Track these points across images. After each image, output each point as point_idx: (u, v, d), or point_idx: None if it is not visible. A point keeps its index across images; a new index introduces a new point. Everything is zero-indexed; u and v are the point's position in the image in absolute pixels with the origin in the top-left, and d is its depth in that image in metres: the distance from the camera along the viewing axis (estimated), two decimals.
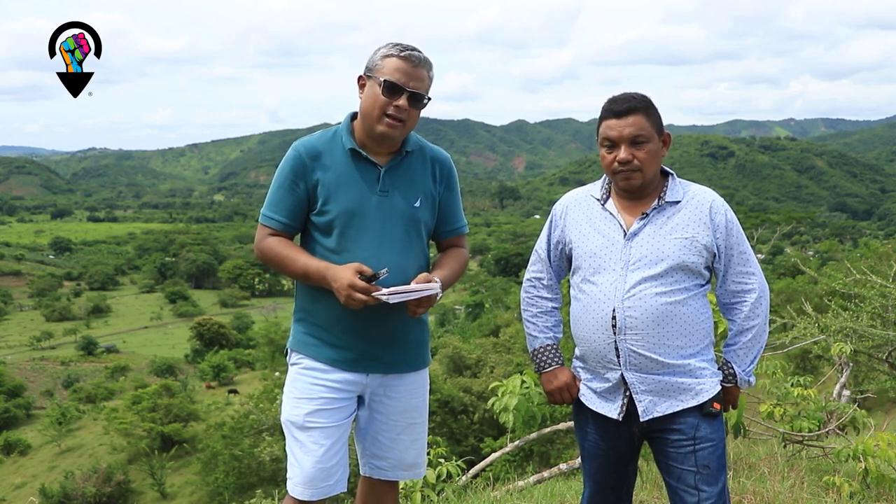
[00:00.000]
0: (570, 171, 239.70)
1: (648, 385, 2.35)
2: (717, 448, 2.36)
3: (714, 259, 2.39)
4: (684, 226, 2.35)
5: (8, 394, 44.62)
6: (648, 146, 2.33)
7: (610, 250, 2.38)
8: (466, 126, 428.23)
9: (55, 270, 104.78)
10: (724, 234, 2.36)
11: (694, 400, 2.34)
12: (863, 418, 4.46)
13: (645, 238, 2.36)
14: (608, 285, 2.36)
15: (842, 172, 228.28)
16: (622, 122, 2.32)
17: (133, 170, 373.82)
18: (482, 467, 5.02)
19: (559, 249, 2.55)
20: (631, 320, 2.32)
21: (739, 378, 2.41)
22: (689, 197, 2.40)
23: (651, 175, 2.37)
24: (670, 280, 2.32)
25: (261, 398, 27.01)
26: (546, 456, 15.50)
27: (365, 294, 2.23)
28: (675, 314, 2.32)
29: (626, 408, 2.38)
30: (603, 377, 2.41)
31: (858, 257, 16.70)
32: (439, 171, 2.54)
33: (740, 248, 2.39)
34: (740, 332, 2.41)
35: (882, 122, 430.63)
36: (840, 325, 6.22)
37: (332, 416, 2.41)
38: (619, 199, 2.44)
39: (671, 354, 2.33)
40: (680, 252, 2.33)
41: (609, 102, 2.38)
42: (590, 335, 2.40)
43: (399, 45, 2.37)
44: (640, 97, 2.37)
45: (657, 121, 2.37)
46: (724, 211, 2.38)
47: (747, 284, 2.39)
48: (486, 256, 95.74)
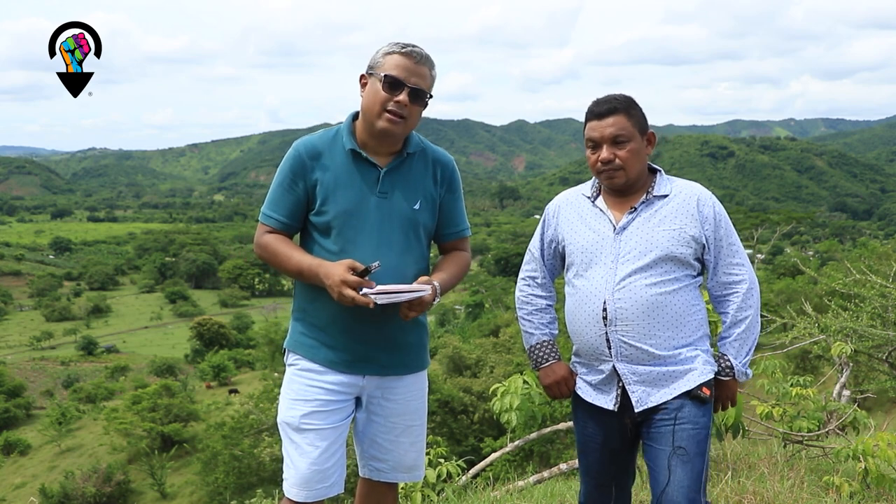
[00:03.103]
0: (570, 171, 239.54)
1: (640, 376, 2.37)
2: (699, 433, 2.34)
3: (703, 251, 2.42)
4: (672, 218, 2.40)
5: (8, 394, 44.63)
6: (630, 145, 2.38)
7: (601, 245, 2.43)
8: (466, 126, 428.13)
9: (55, 270, 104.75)
10: (712, 225, 2.40)
11: (686, 385, 2.36)
12: (863, 418, 4.46)
13: (634, 231, 2.40)
14: (599, 279, 2.40)
15: (842, 172, 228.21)
16: (603, 123, 2.39)
17: (133, 170, 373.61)
18: (482, 467, 5.02)
19: (552, 248, 2.60)
20: (621, 311, 2.36)
21: (736, 370, 2.42)
22: (676, 191, 2.45)
23: (635, 173, 2.42)
24: (660, 271, 2.36)
25: (261, 398, 27.02)
26: (546, 456, 15.50)
27: (357, 287, 2.20)
28: (664, 304, 2.35)
29: (620, 399, 2.41)
30: (596, 369, 2.45)
31: (857, 257, 16.69)
32: (441, 174, 2.52)
33: (729, 240, 2.43)
34: (734, 323, 2.43)
35: (882, 122, 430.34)
36: (840, 325, 6.22)
37: (328, 417, 2.40)
38: (609, 197, 2.50)
39: (661, 345, 2.35)
40: (668, 243, 2.36)
41: (591, 104, 2.45)
42: (582, 328, 2.43)
43: (401, 43, 2.37)
44: (621, 98, 2.42)
45: (639, 120, 2.42)
46: (711, 203, 2.42)
47: (738, 275, 2.43)
48: (486, 256, 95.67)
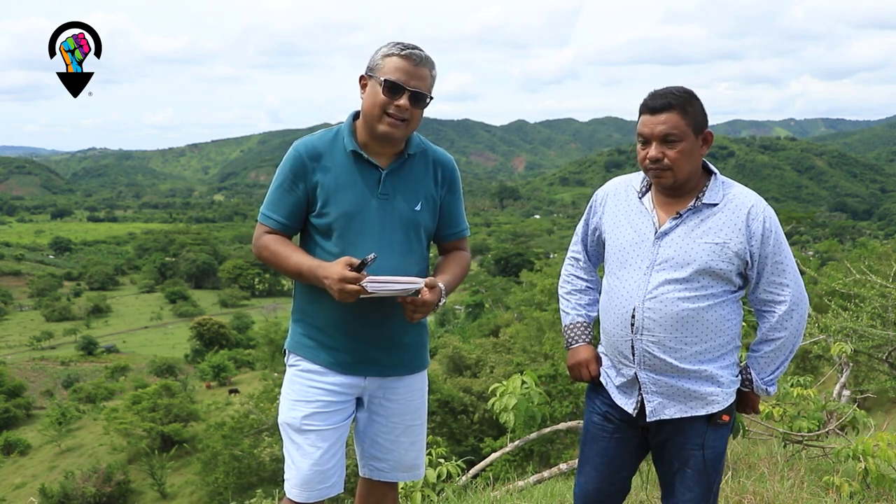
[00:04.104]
0: (570, 171, 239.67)
1: (660, 387, 2.32)
2: (717, 453, 2.37)
3: (747, 267, 2.30)
4: (717, 230, 2.27)
5: (8, 394, 44.63)
6: (681, 145, 2.24)
7: (639, 247, 2.35)
8: (466, 126, 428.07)
9: (55, 270, 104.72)
10: (759, 241, 2.27)
11: (703, 409, 2.32)
12: (863, 418, 4.45)
13: (675, 239, 2.30)
14: (631, 283, 2.34)
15: (842, 172, 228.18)
16: (655, 119, 2.25)
17: (133, 170, 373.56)
18: (482, 467, 5.02)
19: (595, 235, 2.55)
20: (649, 322, 2.29)
21: (756, 386, 2.38)
22: (727, 199, 2.30)
23: (684, 175, 2.29)
24: (696, 285, 2.27)
25: (261, 398, 27.02)
26: (546, 456, 15.48)
27: (355, 283, 2.19)
28: (696, 319, 2.27)
29: (641, 405, 2.37)
30: (620, 372, 2.41)
31: (857, 257, 16.69)
32: (441, 174, 2.51)
33: (776, 258, 2.29)
34: (763, 340, 2.37)
35: (882, 122, 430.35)
36: (840, 325, 6.23)
37: (329, 418, 2.40)
38: (658, 195, 2.38)
39: (687, 359, 2.29)
40: (708, 257, 2.26)
41: (647, 97, 2.30)
42: (611, 329, 2.40)
43: (400, 44, 2.34)
44: (679, 93, 2.26)
45: (696, 118, 2.27)
46: (762, 218, 2.28)
47: (779, 296, 2.31)
48: (486, 256, 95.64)
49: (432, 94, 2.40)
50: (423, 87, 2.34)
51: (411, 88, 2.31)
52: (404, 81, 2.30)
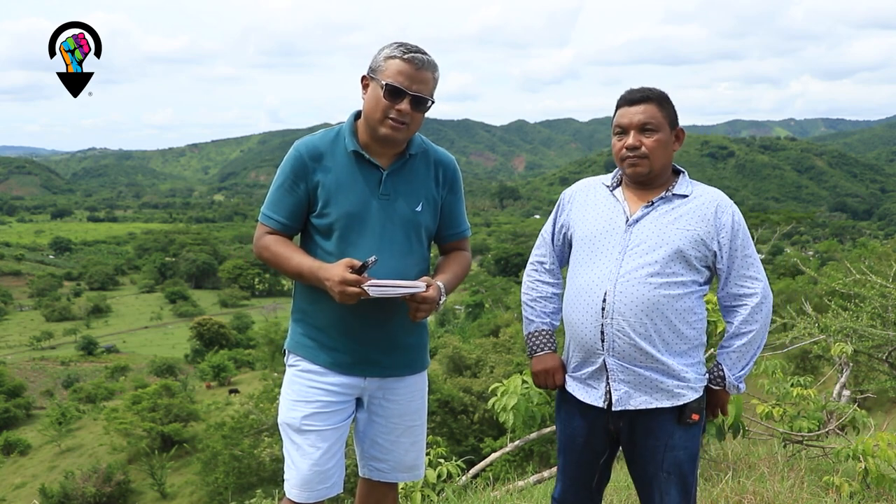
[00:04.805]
0: (570, 171, 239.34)
1: (628, 375, 2.32)
2: (690, 453, 2.37)
3: (715, 258, 2.36)
4: (688, 218, 2.34)
5: (8, 394, 44.63)
6: (658, 135, 2.34)
7: (610, 235, 2.38)
8: (466, 126, 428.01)
9: (55, 270, 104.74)
10: (728, 234, 2.34)
11: (668, 401, 2.32)
12: (863, 418, 4.45)
13: (647, 224, 2.35)
14: (603, 269, 2.36)
15: (842, 172, 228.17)
16: (633, 110, 2.35)
17: (133, 170, 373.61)
18: (482, 467, 5.02)
19: (563, 234, 2.55)
20: (620, 304, 2.30)
21: (728, 382, 2.37)
22: (697, 193, 2.40)
23: (659, 165, 2.36)
24: (668, 270, 2.30)
25: (261, 398, 27.00)
26: (546, 456, 15.48)
27: (357, 286, 2.19)
28: (666, 306, 2.29)
29: (609, 396, 2.36)
30: (587, 362, 2.40)
31: (857, 257, 16.69)
32: (443, 175, 2.50)
33: (745, 252, 2.36)
34: (735, 335, 2.38)
35: (882, 122, 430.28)
36: (840, 325, 6.23)
37: (328, 419, 2.40)
38: (628, 188, 2.45)
39: (656, 346, 2.30)
40: (680, 241, 2.31)
41: (624, 93, 2.41)
42: (578, 318, 2.38)
43: (403, 45, 2.32)
44: (656, 90, 2.38)
45: (671, 113, 2.38)
46: (731, 212, 2.36)
47: (749, 289, 2.36)
48: (486, 256, 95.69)
49: (434, 98, 2.38)
50: (424, 91, 2.33)
51: (413, 93, 2.30)
52: (406, 86, 2.29)
